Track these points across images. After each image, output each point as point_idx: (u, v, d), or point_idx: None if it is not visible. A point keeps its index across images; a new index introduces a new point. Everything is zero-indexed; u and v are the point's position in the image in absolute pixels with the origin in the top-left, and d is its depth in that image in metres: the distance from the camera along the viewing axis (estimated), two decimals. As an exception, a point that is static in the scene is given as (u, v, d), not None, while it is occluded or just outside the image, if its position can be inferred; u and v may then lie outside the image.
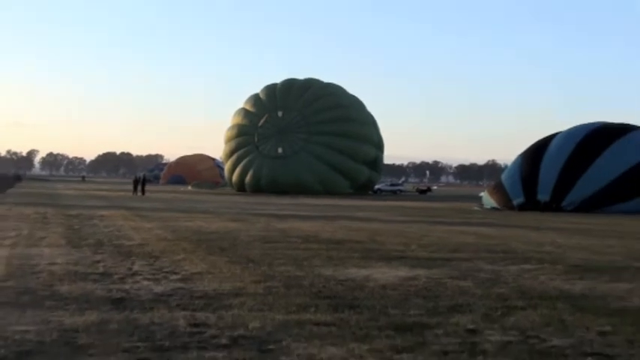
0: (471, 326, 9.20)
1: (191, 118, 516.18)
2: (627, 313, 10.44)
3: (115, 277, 13.04)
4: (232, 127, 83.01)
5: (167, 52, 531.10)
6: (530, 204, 45.94)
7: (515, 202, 47.04)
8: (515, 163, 51.96)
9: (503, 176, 52.43)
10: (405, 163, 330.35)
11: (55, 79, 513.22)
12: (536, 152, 49.05)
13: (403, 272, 14.42)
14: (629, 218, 37.90)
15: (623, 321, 9.74)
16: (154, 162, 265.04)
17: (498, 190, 50.20)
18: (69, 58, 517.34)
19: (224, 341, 8.10)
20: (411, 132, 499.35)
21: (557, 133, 50.51)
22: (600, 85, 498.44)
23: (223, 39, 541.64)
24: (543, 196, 45.91)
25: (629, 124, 50.73)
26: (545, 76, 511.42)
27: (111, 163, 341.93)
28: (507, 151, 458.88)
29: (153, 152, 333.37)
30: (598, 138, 47.63)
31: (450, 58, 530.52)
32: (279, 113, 78.87)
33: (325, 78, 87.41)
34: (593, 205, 44.34)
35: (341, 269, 14.68)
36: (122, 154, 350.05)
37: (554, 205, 44.98)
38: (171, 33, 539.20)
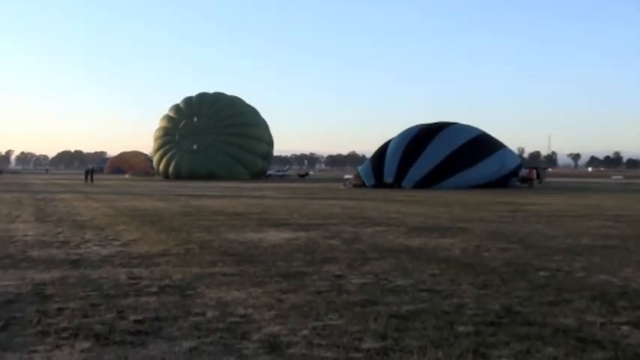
0: (338, 272, 9.24)
1: (128, 123, 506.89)
2: (450, 260, 10.65)
3: (72, 244, 12.77)
4: (159, 129, 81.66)
5: (106, 73, 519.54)
6: (379, 185, 46.77)
7: (367, 184, 48.05)
8: (366, 161, 54.05)
9: (360, 168, 53.83)
10: (289, 154, 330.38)
11: (25, 97, 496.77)
12: (380, 152, 50.59)
13: (288, 235, 14.41)
14: (450, 192, 38.72)
15: (447, 266, 9.93)
16: (99, 157, 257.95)
17: (357, 177, 51.43)
18: (33, 79, 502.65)
19: (154, 289, 7.99)
20: (293, 130, 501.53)
21: (392, 138, 51.88)
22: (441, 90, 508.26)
23: (153, 59, 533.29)
24: (388, 179, 46.96)
25: (443, 122, 52.35)
26: (395, 88, 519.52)
27: (67, 159, 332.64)
28: (365, 144, 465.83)
29: (99, 150, 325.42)
30: (422, 137, 49.40)
31: (322, 82, 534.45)
32: (195, 119, 77.95)
33: (230, 91, 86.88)
34: (424, 184, 45.44)
35: (241, 234, 14.58)
36: (75, 151, 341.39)
37: (396, 185, 45.93)
38: (111, 60, 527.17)
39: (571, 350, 5.53)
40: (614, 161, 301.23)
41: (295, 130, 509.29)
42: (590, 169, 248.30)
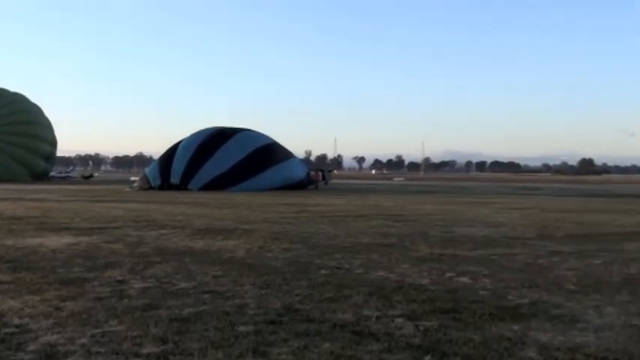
0: (119, 278, 9.04)
1: None
2: (234, 261, 10.78)
3: None
4: None
5: None
6: (165, 186, 46.61)
7: (154, 184, 47.55)
8: (154, 162, 54.33)
9: (147, 170, 53.46)
10: (73, 155, 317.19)
11: None
12: (169, 153, 50.39)
13: (68, 239, 13.86)
14: (237, 194, 39.14)
15: (230, 267, 10.05)
16: None
17: (144, 179, 50.63)
18: None
19: None
20: (77, 130, 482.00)
21: (183, 139, 52.01)
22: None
23: None
24: (175, 180, 46.79)
25: (236, 127, 53.22)
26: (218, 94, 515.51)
27: None
28: (153, 145, 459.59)
29: None
30: (214, 140, 50.02)
31: (107, 80, 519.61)
32: (-28, 116, 72.94)
33: (12, 88, 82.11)
34: (212, 187, 45.37)
35: (20, 239, 13.81)
36: None
37: (182, 186, 45.85)
38: None
39: (347, 344, 5.80)
40: (396, 164, 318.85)
41: (79, 130, 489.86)
42: (373, 171, 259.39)
